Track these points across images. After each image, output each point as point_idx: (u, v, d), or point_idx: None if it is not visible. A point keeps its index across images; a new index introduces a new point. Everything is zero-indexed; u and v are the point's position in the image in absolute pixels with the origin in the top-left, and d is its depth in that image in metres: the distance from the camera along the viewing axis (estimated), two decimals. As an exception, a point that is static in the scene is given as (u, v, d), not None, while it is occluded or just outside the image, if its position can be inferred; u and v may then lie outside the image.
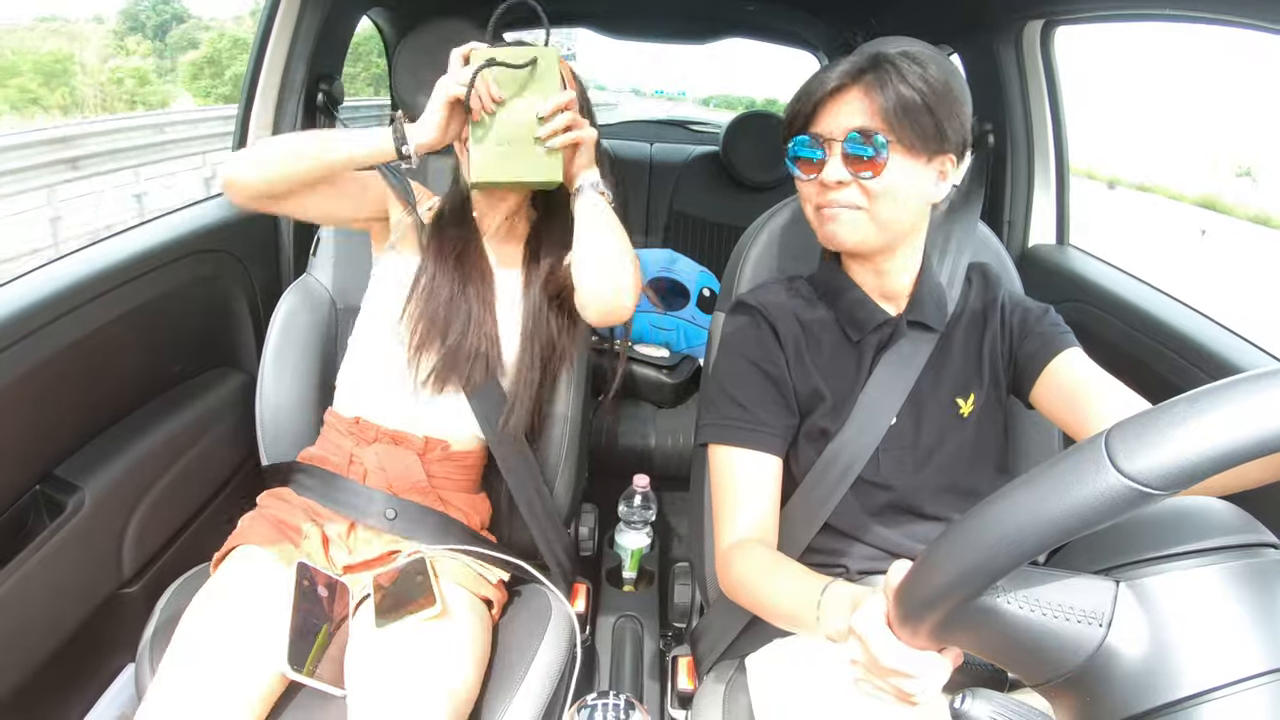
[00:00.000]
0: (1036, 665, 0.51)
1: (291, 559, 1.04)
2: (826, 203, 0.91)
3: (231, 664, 0.92)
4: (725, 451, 0.96)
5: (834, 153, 0.89)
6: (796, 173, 0.94)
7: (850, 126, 0.88)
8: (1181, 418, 0.43)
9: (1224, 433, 0.41)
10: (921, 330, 0.98)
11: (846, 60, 0.91)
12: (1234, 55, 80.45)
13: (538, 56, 0.99)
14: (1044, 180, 1.66)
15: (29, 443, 1.09)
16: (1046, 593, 0.51)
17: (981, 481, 0.98)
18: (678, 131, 3.27)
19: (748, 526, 0.92)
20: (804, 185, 0.94)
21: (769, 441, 0.95)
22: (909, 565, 0.57)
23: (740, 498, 0.94)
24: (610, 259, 1.04)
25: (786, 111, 0.95)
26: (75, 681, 1.20)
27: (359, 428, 1.17)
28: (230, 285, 1.49)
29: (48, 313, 1.07)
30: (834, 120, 0.89)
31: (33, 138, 5.88)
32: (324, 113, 1.65)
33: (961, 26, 1.73)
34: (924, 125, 0.87)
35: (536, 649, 1.07)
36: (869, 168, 0.88)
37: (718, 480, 0.97)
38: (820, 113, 0.90)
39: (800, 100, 0.92)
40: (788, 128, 0.94)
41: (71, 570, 1.12)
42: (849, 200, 0.90)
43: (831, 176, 0.89)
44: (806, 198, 0.95)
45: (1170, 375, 1.22)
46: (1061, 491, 0.45)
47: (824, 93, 0.89)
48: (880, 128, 0.87)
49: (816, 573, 0.80)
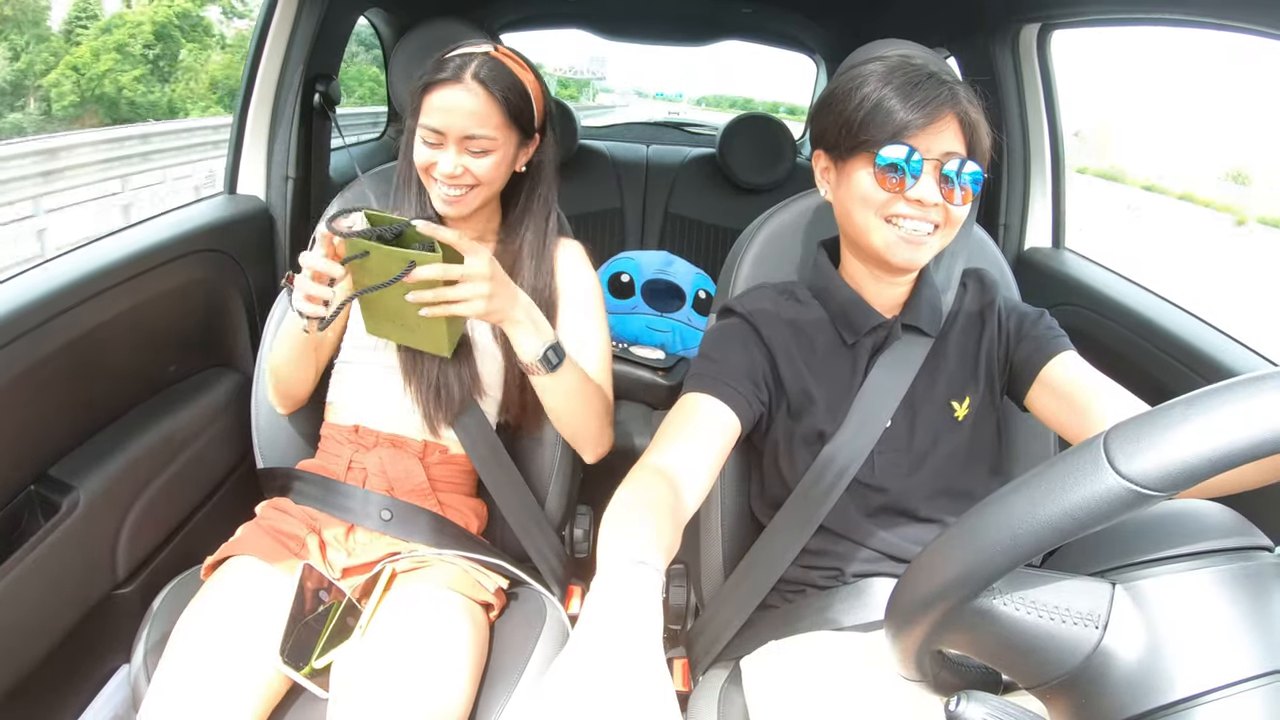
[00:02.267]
0: (1033, 667, 0.52)
1: (289, 565, 1.04)
2: (913, 217, 0.88)
3: (231, 665, 0.92)
4: (684, 397, 0.94)
5: (928, 173, 0.87)
6: (872, 183, 0.89)
7: (948, 150, 0.87)
8: (1180, 420, 0.43)
9: (1222, 435, 0.42)
10: (916, 334, 0.98)
11: (916, 73, 0.88)
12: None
13: (404, 230, 0.95)
14: (1040, 184, 1.66)
15: (23, 443, 1.09)
16: (1042, 595, 0.51)
17: (976, 484, 0.98)
18: (674, 133, 3.27)
19: (665, 458, 0.85)
20: (883, 198, 0.89)
21: (724, 390, 0.92)
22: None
23: (673, 432, 0.90)
24: (575, 427, 1.14)
25: (860, 118, 0.88)
26: (69, 682, 1.19)
27: (359, 435, 1.17)
28: (226, 285, 1.49)
29: (43, 312, 1.06)
30: (932, 142, 0.87)
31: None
32: (320, 114, 1.64)
33: (958, 30, 1.73)
34: (987, 149, 0.89)
35: (531, 652, 1.07)
36: (960, 195, 0.88)
37: (667, 417, 0.93)
38: (918, 131, 0.86)
39: (890, 110, 0.87)
40: (868, 133, 0.88)
41: (65, 571, 1.11)
42: (931, 221, 0.88)
43: (930, 197, 0.87)
44: (880, 210, 0.90)
45: (1165, 378, 1.23)
46: (1060, 493, 0.45)
47: (927, 109, 0.86)
48: (968, 154, 0.88)
49: (655, 539, 0.68)
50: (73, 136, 7.29)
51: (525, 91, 1.09)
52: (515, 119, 1.08)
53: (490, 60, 1.06)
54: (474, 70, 1.04)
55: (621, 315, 2.03)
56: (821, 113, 0.95)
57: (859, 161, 0.90)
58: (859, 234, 0.93)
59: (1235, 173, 30.43)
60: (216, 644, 0.94)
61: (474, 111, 1.04)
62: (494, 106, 1.05)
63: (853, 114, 0.89)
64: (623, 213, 2.63)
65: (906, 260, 0.90)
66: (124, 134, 7.76)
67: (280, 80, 1.56)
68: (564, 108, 2.49)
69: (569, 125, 2.48)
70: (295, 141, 1.61)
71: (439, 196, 1.10)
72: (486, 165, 1.07)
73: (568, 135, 2.48)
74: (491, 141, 1.06)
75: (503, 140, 1.07)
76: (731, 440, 0.92)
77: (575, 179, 2.53)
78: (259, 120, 1.57)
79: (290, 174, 1.61)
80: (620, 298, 2.05)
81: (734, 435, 0.92)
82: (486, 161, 1.07)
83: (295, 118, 1.59)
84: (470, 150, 1.06)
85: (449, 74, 1.04)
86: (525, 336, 1.04)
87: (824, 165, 0.97)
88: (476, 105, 1.04)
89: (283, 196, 1.62)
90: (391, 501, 1.13)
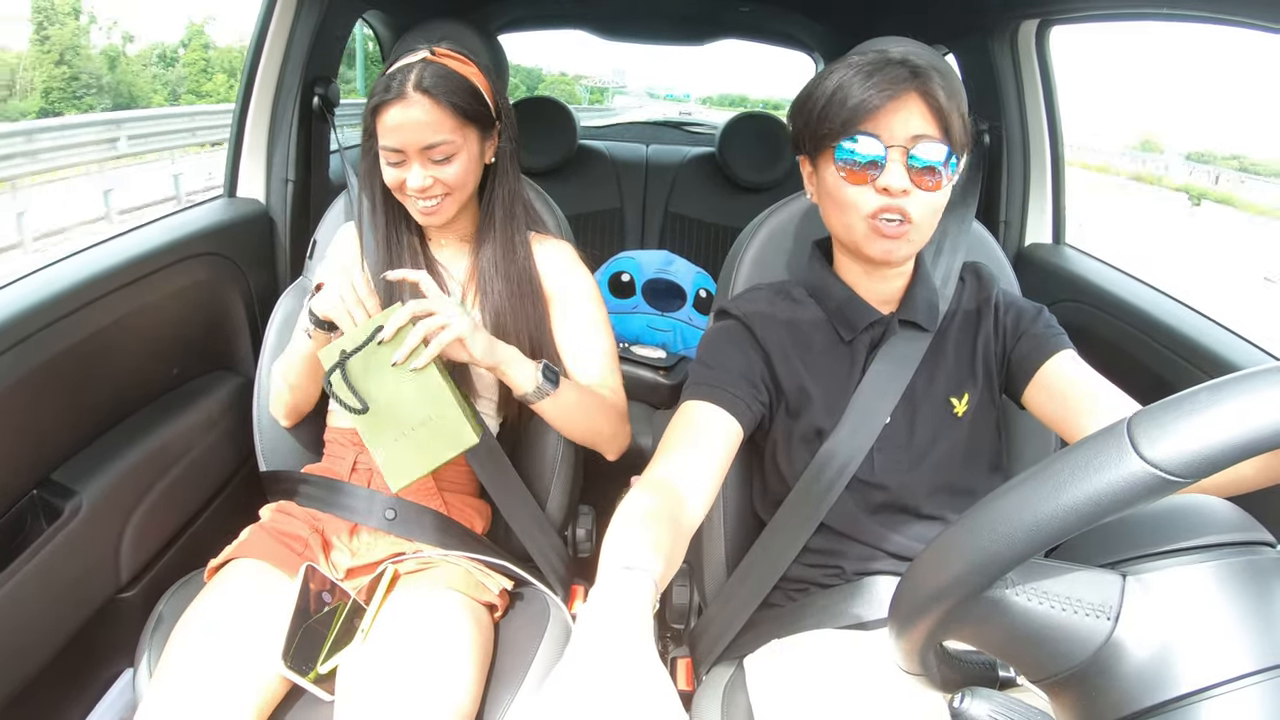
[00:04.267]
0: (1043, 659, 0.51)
1: (292, 567, 1.05)
2: (886, 208, 0.86)
3: (231, 667, 0.92)
4: (685, 405, 0.94)
5: (893, 159, 0.85)
6: (839, 179, 0.87)
7: (915, 134, 0.84)
8: (1205, 405, 0.43)
9: (1247, 420, 0.41)
10: (914, 329, 0.98)
11: (881, 59, 0.86)
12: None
13: (379, 324, 0.95)
14: (1040, 179, 1.66)
15: (25, 447, 1.09)
16: (1054, 585, 0.50)
17: (976, 480, 0.98)
18: (674, 133, 3.26)
19: (668, 469, 0.85)
20: (851, 193, 0.87)
21: (723, 396, 0.92)
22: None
23: (675, 443, 0.89)
24: (587, 437, 1.15)
25: (819, 110, 0.88)
26: (73, 686, 1.19)
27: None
28: (227, 288, 1.49)
29: (44, 316, 1.07)
30: (895, 125, 0.84)
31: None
32: (319, 116, 1.65)
33: (956, 27, 1.73)
34: (961, 134, 0.86)
35: (535, 652, 1.07)
36: (932, 180, 0.85)
37: (669, 427, 0.93)
38: (876, 114, 0.84)
39: (845, 97, 0.85)
40: (828, 124, 0.86)
41: (69, 575, 1.12)
42: (902, 210, 0.86)
43: (896, 184, 0.84)
44: (853, 206, 0.88)
45: (1167, 374, 1.23)
46: (1082, 478, 0.45)
47: (884, 93, 0.83)
48: (940, 137, 0.85)
49: (649, 545, 0.69)
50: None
51: (471, 87, 1.08)
52: (468, 117, 1.07)
53: (430, 66, 1.05)
54: (415, 81, 1.04)
55: (622, 315, 2.03)
56: (795, 116, 0.94)
57: (824, 159, 0.90)
58: (839, 231, 0.93)
59: (1144, 141, 32.72)
60: (218, 646, 0.94)
61: (425, 122, 1.04)
62: (443, 112, 1.05)
63: (815, 107, 0.88)
64: (622, 212, 2.63)
65: (883, 253, 0.89)
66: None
67: (279, 83, 1.56)
68: (563, 108, 2.49)
69: (568, 126, 2.48)
70: (295, 144, 1.61)
71: (416, 211, 1.11)
72: (454, 170, 1.07)
73: (567, 136, 2.48)
74: (451, 145, 1.06)
75: (462, 141, 1.07)
76: (734, 445, 0.92)
77: (575, 179, 2.53)
78: (258, 123, 1.57)
79: (290, 176, 1.61)
80: (621, 297, 2.05)
81: (736, 440, 0.93)
82: (453, 167, 1.07)
83: (294, 120, 1.59)
84: (433, 159, 1.06)
85: (393, 93, 1.04)
86: (515, 371, 1.04)
87: (808, 169, 0.97)
88: (425, 115, 1.04)
89: (283, 199, 1.62)
90: (396, 501, 1.13)
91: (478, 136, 1.10)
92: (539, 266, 1.19)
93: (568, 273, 1.21)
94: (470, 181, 1.11)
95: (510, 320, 1.14)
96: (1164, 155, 29.19)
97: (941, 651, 0.62)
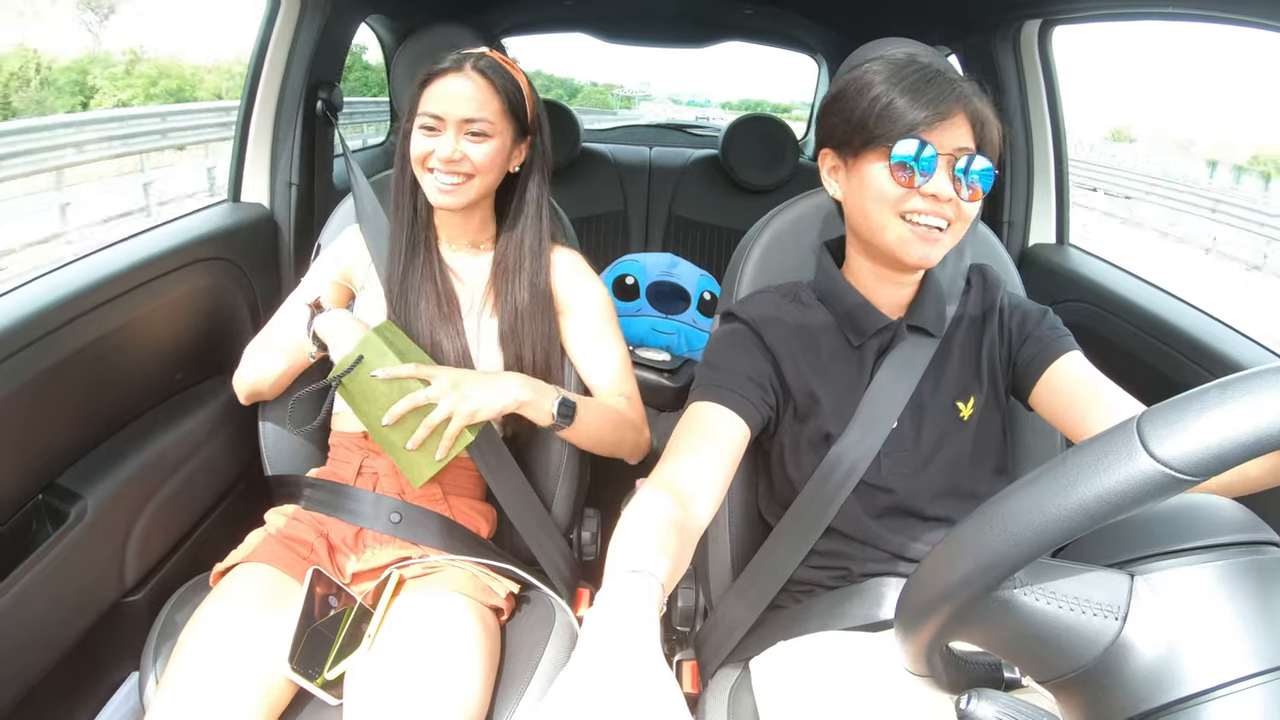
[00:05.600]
0: (1051, 659, 0.51)
1: (298, 571, 1.05)
2: (929, 212, 0.88)
3: (238, 672, 0.92)
4: (692, 407, 0.95)
5: (941, 167, 0.87)
6: (882, 177, 0.88)
7: (961, 146, 0.87)
8: (1215, 403, 0.43)
9: (1257, 418, 0.41)
10: (922, 335, 0.98)
11: (926, 70, 0.89)
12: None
13: (362, 353, 1.02)
14: (1043, 180, 1.66)
15: (31, 452, 1.09)
16: (1062, 585, 0.50)
17: (982, 484, 0.98)
18: (677, 135, 3.26)
19: (675, 471, 0.85)
20: (898, 193, 0.88)
21: (731, 398, 0.93)
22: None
23: (682, 444, 0.90)
24: (608, 450, 1.18)
25: (872, 115, 0.88)
26: (79, 690, 1.20)
27: (368, 441, 1.17)
28: (231, 293, 1.49)
29: (50, 321, 1.07)
30: (943, 136, 0.87)
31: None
32: (323, 120, 1.65)
33: (959, 28, 1.73)
34: (998, 147, 0.90)
35: (540, 656, 1.07)
36: (971, 191, 0.88)
37: (676, 429, 0.93)
38: (931, 127, 0.86)
39: (898, 109, 0.87)
40: (881, 128, 0.88)
41: (74, 579, 1.12)
42: (944, 216, 0.88)
43: (944, 192, 0.86)
44: (885, 200, 0.89)
45: (1173, 374, 1.22)
46: (1092, 476, 0.44)
47: (939, 107, 0.86)
48: (981, 149, 0.88)
49: (654, 548, 0.69)
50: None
51: (520, 88, 1.12)
52: (512, 110, 1.11)
53: (488, 57, 1.11)
54: (473, 62, 1.09)
55: (627, 318, 2.02)
56: (829, 111, 0.94)
57: (872, 157, 0.89)
58: (872, 231, 0.92)
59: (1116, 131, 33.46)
60: (225, 651, 0.94)
61: (473, 96, 1.08)
62: (493, 93, 1.09)
63: (865, 112, 0.89)
64: (626, 215, 2.63)
65: (921, 257, 0.89)
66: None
67: (282, 87, 1.57)
68: (565, 111, 2.49)
69: (571, 129, 2.48)
70: (298, 148, 1.61)
71: (435, 188, 1.11)
72: (484, 151, 1.09)
73: (570, 139, 2.48)
74: (490, 125, 1.09)
75: (500, 128, 1.10)
76: (741, 447, 0.92)
77: (578, 182, 2.53)
78: (262, 128, 1.58)
79: (294, 181, 1.62)
80: (625, 300, 2.05)
81: (743, 442, 0.93)
82: (484, 147, 1.09)
83: (298, 125, 1.60)
84: (469, 134, 1.08)
85: (450, 65, 1.09)
86: (531, 407, 1.06)
87: (832, 164, 0.96)
88: (476, 91, 1.08)
89: (287, 204, 1.62)
90: (402, 504, 1.13)
91: (513, 133, 1.13)
92: (553, 276, 1.20)
93: (581, 282, 1.22)
94: (494, 172, 1.12)
95: (526, 327, 1.16)
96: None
97: (947, 653, 0.61)
